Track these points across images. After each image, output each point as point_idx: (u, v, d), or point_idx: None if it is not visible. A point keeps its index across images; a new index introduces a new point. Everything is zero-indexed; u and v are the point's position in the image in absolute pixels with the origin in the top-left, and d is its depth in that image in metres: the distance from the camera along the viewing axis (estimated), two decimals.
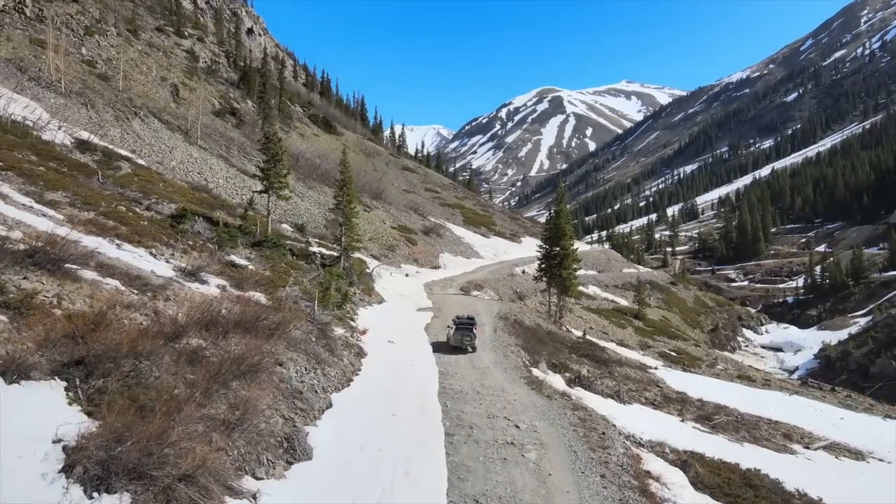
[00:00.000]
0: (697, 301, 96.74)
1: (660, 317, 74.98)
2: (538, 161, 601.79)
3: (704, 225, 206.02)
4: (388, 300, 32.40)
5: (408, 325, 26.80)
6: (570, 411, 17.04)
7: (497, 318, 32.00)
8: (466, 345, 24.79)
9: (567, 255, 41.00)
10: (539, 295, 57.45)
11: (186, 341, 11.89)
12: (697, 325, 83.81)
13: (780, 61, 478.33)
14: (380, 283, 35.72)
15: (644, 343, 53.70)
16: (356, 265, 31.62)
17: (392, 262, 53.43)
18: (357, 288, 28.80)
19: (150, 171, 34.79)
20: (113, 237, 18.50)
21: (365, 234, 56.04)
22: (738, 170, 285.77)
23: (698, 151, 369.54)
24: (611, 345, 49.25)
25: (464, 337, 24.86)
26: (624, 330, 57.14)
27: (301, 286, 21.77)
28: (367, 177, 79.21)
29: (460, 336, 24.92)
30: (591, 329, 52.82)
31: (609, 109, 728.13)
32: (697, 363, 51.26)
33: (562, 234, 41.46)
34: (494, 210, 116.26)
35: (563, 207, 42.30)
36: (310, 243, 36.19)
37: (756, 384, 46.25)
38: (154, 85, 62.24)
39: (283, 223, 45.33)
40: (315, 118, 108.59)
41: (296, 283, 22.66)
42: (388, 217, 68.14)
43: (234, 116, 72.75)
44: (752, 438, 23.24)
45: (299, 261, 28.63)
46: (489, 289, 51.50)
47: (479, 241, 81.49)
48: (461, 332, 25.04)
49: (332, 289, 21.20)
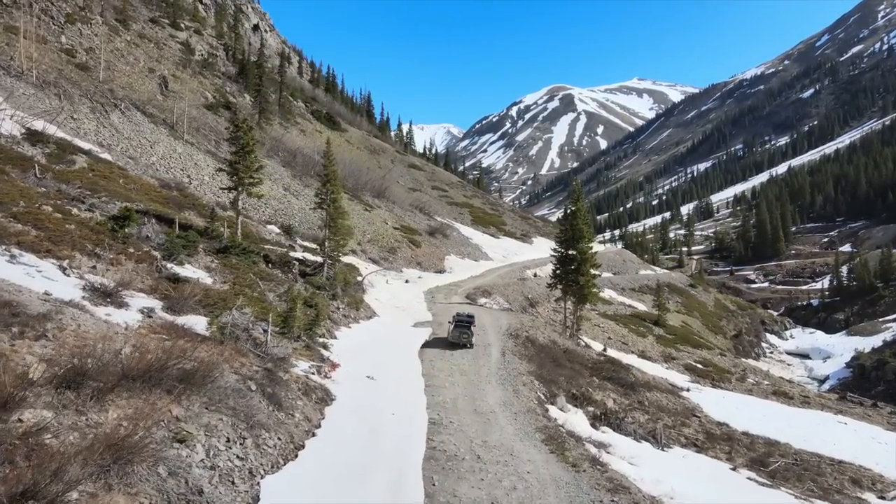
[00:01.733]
0: (718, 304, 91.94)
1: (680, 322, 70.39)
2: (549, 159, 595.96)
3: (720, 224, 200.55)
4: (381, 313, 28.21)
5: (397, 349, 22.72)
6: (605, 494, 12.65)
7: (506, 337, 27.89)
8: (465, 341, 25.45)
9: (585, 260, 36.55)
10: (552, 301, 53.18)
11: (20, 415, 7.68)
12: (719, 331, 79.12)
13: (795, 57, 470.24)
14: (372, 292, 31.49)
15: (667, 354, 49.23)
16: (343, 273, 27.33)
17: (393, 266, 49.28)
18: (341, 302, 24.62)
19: (111, 166, 30.73)
20: (11, 245, 14.35)
21: (364, 235, 52.01)
22: (754, 167, 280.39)
23: (712, 149, 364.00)
24: (632, 357, 44.90)
25: (462, 334, 25.51)
26: (644, 339, 52.67)
27: (257, 306, 17.54)
28: (369, 174, 75.06)
29: (458, 333, 25.60)
30: (609, 339, 48.45)
31: (620, 107, 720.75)
32: (726, 377, 46.77)
33: (578, 235, 37.01)
34: (504, 209, 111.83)
35: (579, 206, 37.85)
36: (294, 247, 32.09)
37: (794, 401, 41.78)
38: (140, 76, 58.33)
39: (271, 224, 41.27)
40: (318, 114, 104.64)
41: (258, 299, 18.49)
42: (391, 217, 64.01)
43: (229, 110, 68.73)
44: (819, 491, 18.92)
45: (274, 270, 24.56)
46: (498, 295, 47.24)
47: (487, 241, 77.18)
48: (460, 329, 25.75)
49: (298, 309, 16.97)
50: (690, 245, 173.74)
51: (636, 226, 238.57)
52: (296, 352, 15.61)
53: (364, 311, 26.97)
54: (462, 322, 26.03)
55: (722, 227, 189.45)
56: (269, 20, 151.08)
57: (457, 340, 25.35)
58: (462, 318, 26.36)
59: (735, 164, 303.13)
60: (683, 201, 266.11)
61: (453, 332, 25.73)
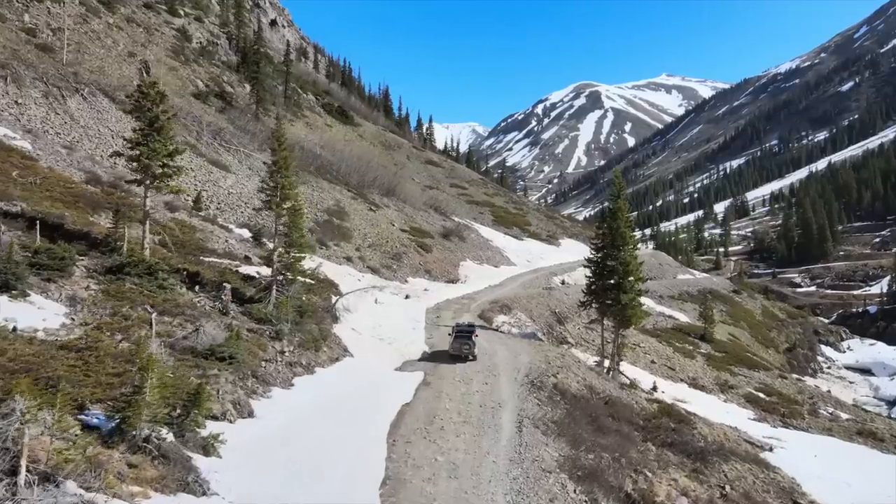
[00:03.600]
0: (766, 312, 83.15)
1: (727, 335, 62.12)
2: (575, 157, 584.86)
3: (758, 222, 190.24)
4: (356, 351, 21.06)
5: (354, 423, 15.10)
6: None
7: (526, 389, 20.40)
8: (466, 353, 24.14)
9: (628, 272, 28.89)
10: (584, 316, 45.65)
11: None
12: (770, 344, 70.58)
13: (832, 50, 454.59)
14: (350, 320, 24.19)
15: (723, 381, 41.28)
16: (295, 300, 19.38)
17: (396, 275, 42.15)
18: (288, 343, 17.27)
19: (13, 154, 23.89)
20: None
21: (364, 239, 45.04)
22: (791, 164, 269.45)
23: (745, 145, 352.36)
24: (682, 388, 37.25)
25: (462, 346, 24.16)
26: (693, 361, 44.77)
27: (101, 375, 10.30)
28: (379, 171, 68.03)
29: (459, 345, 24.30)
30: (652, 364, 40.75)
31: (648, 104, 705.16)
32: (796, 409, 38.78)
33: (620, 241, 29.32)
34: (529, 208, 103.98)
35: (620, 204, 30.06)
36: (251, 259, 24.91)
37: (887, 444, 33.81)
38: (116, 61, 52.01)
39: (243, 228, 34.28)
40: (329, 107, 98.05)
41: (124, 355, 11.34)
42: (400, 217, 56.87)
43: (223, 100, 62.29)
44: None
45: (199, 295, 17.54)
46: (520, 310, 39.82)
47: (510, 244, 69.66)
48: (460, 340, 24.42)
49: (156, 379, 9.62)
50: (727, 245, 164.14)
51: (667, 225, 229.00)
52: (120, 481, 8.48)
53: (329, 350, 19.73)
54: (463, 332, 24.82)
55: (761, 226, 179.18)
56: (287, 15, 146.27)
57: (457, 353, 24.03)
58: (463, 329, 25.27)
59: (770, 160, 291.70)
60: (717, 199, 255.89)
61: (454, 344, 24.47)
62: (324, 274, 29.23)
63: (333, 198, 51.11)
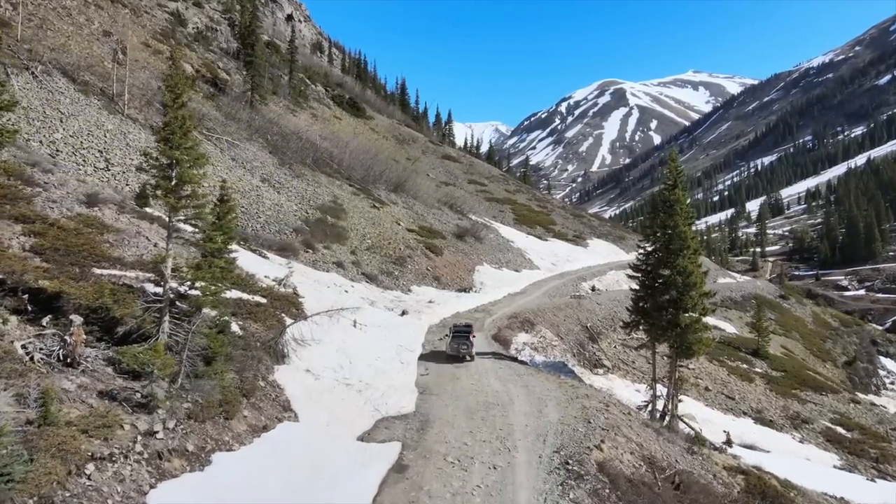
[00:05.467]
0: (817, 320, 75.15)
1: (781, 349, 54.58)
2: (600, 156, 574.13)
3: (795, 221, 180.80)
4: (306, 407, 13.93)
5: None
6: None
7: (556, 475, 13.29)
8: (463, 354, 23.33)
9: (690, 284, 21.85)
10: (618, 329, 38.74)
11: None
12: (827, 357, 62.77)
13: (867, 43, 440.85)
14: (306, 357, 16.86)
15: (793, 413, 33.98)
16: (198, 335, 12.17)
17: (398, 283, 35.59)
18: (169, 414, 10.38)
19: None
20: None
21: (363, 240, 38.57)
22: (826, 160, 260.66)
23: (777, 141, 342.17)
24: (747, 424, 30.20)
25: (460, 346, 23.39)
26: (752, 385, 37.50)
27: None
28: (388, 164, 61.56)
29: (457, 345, 23.44)
30: (707, 391, 33.63)
31: (675, 101, 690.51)
32: (886, 450, 31.48)
33: (679, 242, 22.23)
34: (554, 206, 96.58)
35: (679, 195, 22.77)
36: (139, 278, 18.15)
37: None
38: (86, 39, 46.15)
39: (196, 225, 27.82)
40: (339, 99, 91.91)
41: None
42: (408, 215, 50.26)
43: (214, 86, 56.31)
44: None
45: (31, 338, 10.97)
46: (544, 325, 32.99)
47: (533, 245, 62.67)
48: (458, 340, 23.60)
49: None
50: (764, 245, 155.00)
51: (697, 223, 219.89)
52: None
53: (254, 415, 12.60)
54: (460, 332, 24.01)
55: (798, 224, 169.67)
56: (304, 11, 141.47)
57: (455, 353, 23.36)
58: (460, 329, 24.48)
59: (804, 156, 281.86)
60: (748, 197, 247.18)
61: (451, 345, 23.64)
62: (293, 286, 22.68)
63: (331, 193, 44.76)
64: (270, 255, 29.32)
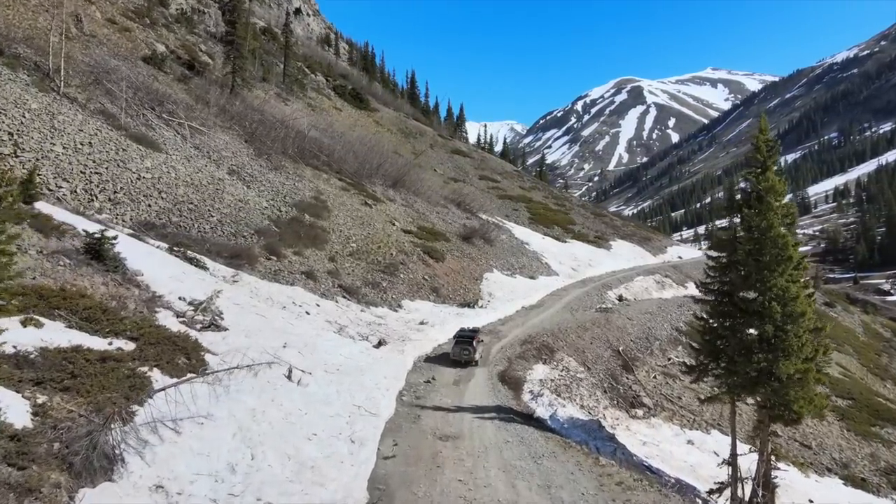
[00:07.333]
0: (868, 330, 67.45)
1: (836, 366, 47.09)
2: (616, 154, 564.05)
3: (824, 220, 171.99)
4: None
5: None
6: None
7: None
8: (466, 359, 22.89)
9: (795, 314, 14.39)
10: (656, 353, 31.93)
11: None
12: (885, 374, 55.05)
13: (893, 37, 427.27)
14: (178, 450, 9.40)
15: (889, 468, 26.73)
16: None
17: (385, 298, 28.87)
18: None
19: None
20: None
21: (346, 244, 31.87)
22: (854, 157, 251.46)
23: (800, 138, 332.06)
24: (837, 489, 23.08)
25: (462, 351, 22.94)
26: (825, 424, 30.26)
27: None
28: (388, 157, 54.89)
29: (459, 350, 23.00)
30: (776, 436, 26.46)
31: (693, 98, 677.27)
32: None
33: (773, 252, 14.69)
34: (573, 204, 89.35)
35: (773, 181, 14.94)
36: None
37: None
38: (28, 10, 39.77)
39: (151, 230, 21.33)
40: (342, 90, 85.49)
41: None
42: (407, 214, 43.52)
43: (191, 69, 49.98)
44: None
45: None
46: (566, 352, 26.08)
47: (550, 247, 55.67)
48: (461, 345, 23.13)
49: None
50: None
51: (721, 222, 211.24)
52: None
53: None
54: (464, 338, 23.45)
55: (830, 223, 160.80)
56: (313, 5, 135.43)
57: (458, 358, 22.80)
58: (464, 334, 23.80)
59: (830, 153, 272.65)
60: None
61: (454, 349, 23.17)
62: (217, 311, 15.96)
63: (314, 188, 38.13)
64: (214, 263, 22.62)
